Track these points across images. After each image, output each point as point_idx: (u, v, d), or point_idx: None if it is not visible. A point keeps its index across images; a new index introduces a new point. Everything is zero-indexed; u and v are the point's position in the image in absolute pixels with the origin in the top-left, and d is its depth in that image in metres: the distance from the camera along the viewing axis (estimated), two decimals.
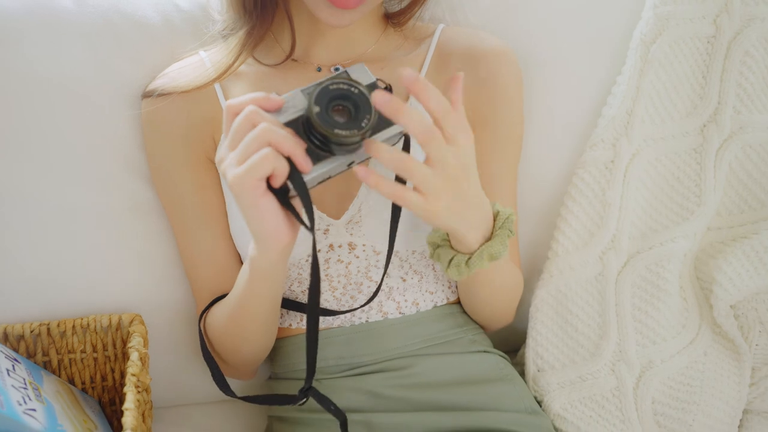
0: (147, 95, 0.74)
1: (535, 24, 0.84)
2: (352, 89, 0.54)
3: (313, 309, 0.55)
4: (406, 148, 0.62)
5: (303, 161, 0.52)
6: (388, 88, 0.57)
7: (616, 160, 0.81)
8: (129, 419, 0.60)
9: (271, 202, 0.53)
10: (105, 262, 0.77)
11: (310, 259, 0.63)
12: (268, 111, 0.54)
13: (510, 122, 0.76)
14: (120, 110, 0.76)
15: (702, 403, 0.78)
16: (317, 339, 0.57)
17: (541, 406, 0.78)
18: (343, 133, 0.52)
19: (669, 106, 0.83)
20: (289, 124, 0.55)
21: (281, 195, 0.54)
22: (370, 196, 0.70)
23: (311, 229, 0.54)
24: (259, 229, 0.55)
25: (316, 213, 0.70)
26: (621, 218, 0.81)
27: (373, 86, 0.57)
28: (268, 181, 0.53)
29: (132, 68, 0.77)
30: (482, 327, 0.80)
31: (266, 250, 0.57)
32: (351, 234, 0.70)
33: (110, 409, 0.79)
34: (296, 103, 0.56)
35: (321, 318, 0.72)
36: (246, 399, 0.71)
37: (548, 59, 0.83)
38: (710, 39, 0.83)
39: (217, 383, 0.72)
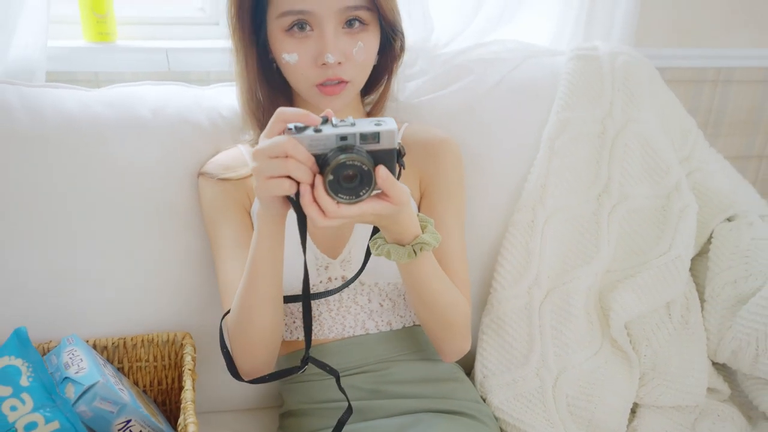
0: (202, 174, 1.02)
1: (476, 126, 1.14)
2: (363, 167, 0.68)
3: (306, 293, 0.79)
4: None
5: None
6: (402, 150, 0.74)
7: (535, 221, 1.10)
8: (188, 394, 0.87)
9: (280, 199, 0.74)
10: (164, 295, 1.04)
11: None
12: (307, 124, 0.69)
13: (453, 186, 1.01)
14: (178, 186, 1.04)
15: (602, 397, 1.03)
16: (311, 313, 0.80)
17: (485, 402, 1.04)
18: (344, 198, 0.69)
19: (572, 182, 1.12)
20: (316, 156, 0.69)
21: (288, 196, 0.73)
22: (357, 240, 0.96)
23: (302, 224, 0.75)
24: (265, 201, 0.76)
25: (318, 253, 0.96)
26: (540, 263, 1.08)
27: (394, 150, 0.72)
28: None
29: (188, 157, 1.05)
30: (441, 354, 0.97)
31: (268, 209, 0.77)
32: (344, 270, 0.97)
33: (162, 408, 1.04)
34: (327, 143, 0.69)
35: (320, 332, 0.97)
36: (253, 381, 0.86)
37: (486, 150, 1.13)
38: (600, 135, 1.14)
39: (230, 370, 0.86)
